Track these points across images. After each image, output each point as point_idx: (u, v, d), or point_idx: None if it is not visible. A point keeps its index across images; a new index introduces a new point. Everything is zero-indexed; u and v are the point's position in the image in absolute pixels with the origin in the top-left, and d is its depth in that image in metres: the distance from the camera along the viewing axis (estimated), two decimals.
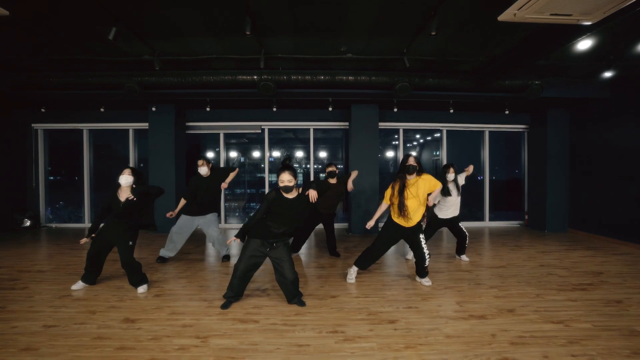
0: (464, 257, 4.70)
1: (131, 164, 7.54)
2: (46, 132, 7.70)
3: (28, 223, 7.11)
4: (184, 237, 4.45)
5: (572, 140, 6.95)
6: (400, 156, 7.86)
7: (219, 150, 7.83)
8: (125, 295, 3.33)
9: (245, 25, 3.50)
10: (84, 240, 3.38)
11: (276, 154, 8.97)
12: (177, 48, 4.57)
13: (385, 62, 5.14)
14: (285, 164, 2.88)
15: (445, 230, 6.97)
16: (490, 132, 7.89)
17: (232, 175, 4.61)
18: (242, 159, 8.80)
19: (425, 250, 3.51)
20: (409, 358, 2.22)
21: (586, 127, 6.59)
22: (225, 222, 7.89)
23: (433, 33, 3.50)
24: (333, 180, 4.65)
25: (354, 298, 3.24)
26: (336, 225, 7.52)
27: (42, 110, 6.52)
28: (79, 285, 3.49)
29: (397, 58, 4.84)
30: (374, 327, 2.63)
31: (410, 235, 3.49)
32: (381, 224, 3.74)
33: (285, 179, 2.79)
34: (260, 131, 7.66)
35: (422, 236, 3.51)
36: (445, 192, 4.36)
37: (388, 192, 3.54)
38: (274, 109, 6.58)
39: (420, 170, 3.46)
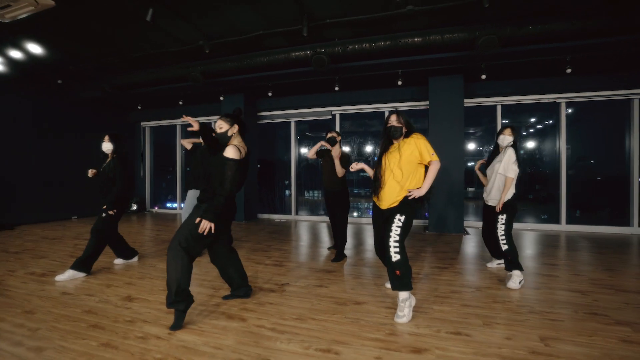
0: (513, 283, 2.83)
1: None
2: (152, 129, 8.92)
3: (135, 207, 8.30)
4: None
5: None
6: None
7: (290, 141, 7.63)
8: (149, 273, 3.27)
9: None
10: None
11: (368, 148, 7.94)
12: (223, 26, 4.44)
13: (459, 10, 3.99)
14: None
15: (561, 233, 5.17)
16: None
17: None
18: None
19: (394, 249, 2.20)
20: None
21: None
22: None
23: None
24: (334, 150, 3.77)
25: (382, 309, 2.41)
26: (416, 222, 6.36)
27: (139, 107, 7.46)
28: (119, 260, 3.63)
29: (473, 1, 3.66)
30: (383, 355, 1.80)
31: (386, 220, 2.35)
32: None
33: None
34: (330, 117, 7.18)
35: (399, 219, 2.24)
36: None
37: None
38: (336, 89, 5.97)
39: (409, 130, 2.43)
